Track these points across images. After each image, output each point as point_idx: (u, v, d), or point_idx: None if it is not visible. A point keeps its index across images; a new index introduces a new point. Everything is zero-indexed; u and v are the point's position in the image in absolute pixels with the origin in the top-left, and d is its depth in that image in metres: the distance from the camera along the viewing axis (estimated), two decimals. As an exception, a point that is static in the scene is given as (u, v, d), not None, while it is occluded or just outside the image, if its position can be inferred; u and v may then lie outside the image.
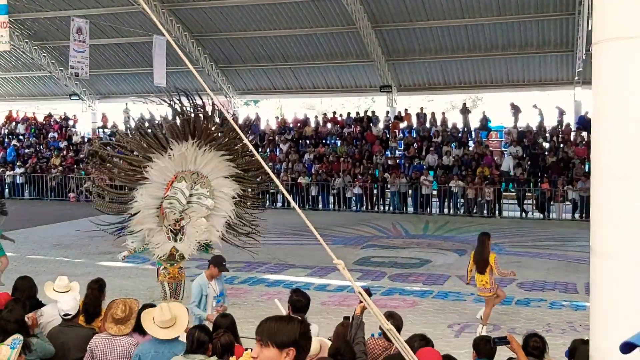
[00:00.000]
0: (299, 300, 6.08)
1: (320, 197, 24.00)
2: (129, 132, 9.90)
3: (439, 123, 27.23)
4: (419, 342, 5.06)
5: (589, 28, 17.41)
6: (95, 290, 6.18)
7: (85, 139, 32.43)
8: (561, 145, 23.72)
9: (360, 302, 4.93)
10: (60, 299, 5.72)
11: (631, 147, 3.47)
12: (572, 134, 24.60)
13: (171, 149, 8.89)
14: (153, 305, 5.44)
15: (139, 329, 5.24)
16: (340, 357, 4.50)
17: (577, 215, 20.72)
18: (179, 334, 4.99)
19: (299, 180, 23.78)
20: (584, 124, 24.06)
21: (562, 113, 26.24)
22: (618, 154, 3.55)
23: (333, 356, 4.50)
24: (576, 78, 25.24)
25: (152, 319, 5.02)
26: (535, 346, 5.26)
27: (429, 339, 5.22)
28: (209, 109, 9.61)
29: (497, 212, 21.95)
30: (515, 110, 26.89)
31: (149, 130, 9.24)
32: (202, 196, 9.09)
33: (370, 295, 4.53)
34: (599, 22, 3.63)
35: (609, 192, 3.70)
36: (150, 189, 8.88)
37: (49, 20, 28.64)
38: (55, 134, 32.58)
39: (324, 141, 27.57)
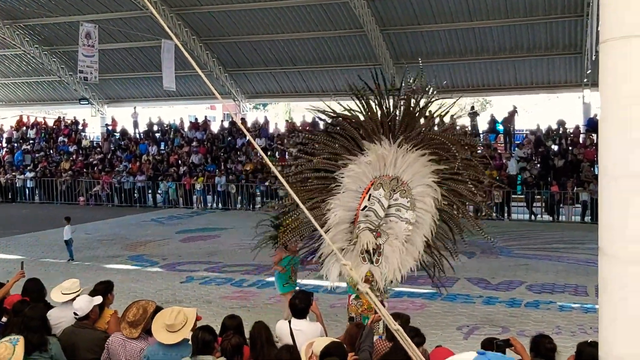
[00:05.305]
0: (294, 304, 6.03)
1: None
2: (318, 135, 8.32)
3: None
4: (418, 337, 5.04)
5: (598, 29, 17.34)
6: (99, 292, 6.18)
7: (95, 143, 32.65)
8: (570, 148, 23.61)
9: (375, 312, 4.88)
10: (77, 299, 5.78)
11: (636, 145, 3.45)
12: (581, 136, 24.49)
13: (367, 151, 7.60)
14: (161, 308, 5.45)
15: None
16: (330, 357, 4.48)
17: (587, 218, 20.62)
18: (183, 337, 4.99)
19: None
20: (593, 126, 23.97)
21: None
22: (626, 152, 3.53)
23: (323, 355, 4.49)
24: (585, 80, 25.17)
25: (163, 322, 5.03)
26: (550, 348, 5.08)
27: (421, 332, 5.26)
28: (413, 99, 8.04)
29: (506, 214, 21.88)
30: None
31: (341, 131, 7.94)
32: (402, 207, 7.43)
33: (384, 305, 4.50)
34: (606, 20, 3.60)
35: (617, 190, 3.68)
36: (344, 199, 7.52)
37: (58, 25, 28.81)
38: (65, 139, 32.77)
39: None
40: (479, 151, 8.63)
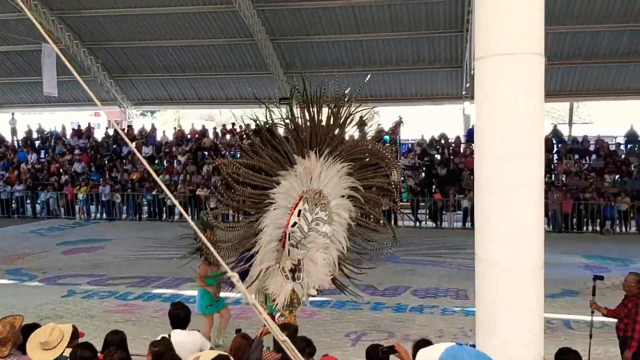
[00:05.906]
0: (176, 314, 5.98)
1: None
2: (254, 148, 7.70)
3: (336, 135, 27.58)
4: (309, 348, 5.08)
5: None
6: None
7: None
8: (452, 157, 24.62)
9: (264, 325, 4.86)
10: None
11: (508, 159, 3.67)
12: (462, 146, 25.61)
13: (297, 164, 7.40)
14: (38, 325, 5.22)
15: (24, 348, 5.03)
16: None
17: (467, 224, 21.54)
18: (59, 354, 4.81)
19: (197, 192, 23.43)
20: (473, 136, 25.12)
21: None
22: (494, 168, 3.75)
23: None
24: (464, 93, 26.37)
25: (37, 341, 4.83)
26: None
27: (312, 343, 5.27)
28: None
29: (392, 221, 22.46)
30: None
31: (275, 144, 7.59)
32: (321, 221, 7.39)
33: (273, 318, 4.49)
34: (480, 39, 3.82)
35: (490, 203, 3.90)
36: (274, 216, 7.27)
37: None
38: None
39: (223, 152, 27.23)
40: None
